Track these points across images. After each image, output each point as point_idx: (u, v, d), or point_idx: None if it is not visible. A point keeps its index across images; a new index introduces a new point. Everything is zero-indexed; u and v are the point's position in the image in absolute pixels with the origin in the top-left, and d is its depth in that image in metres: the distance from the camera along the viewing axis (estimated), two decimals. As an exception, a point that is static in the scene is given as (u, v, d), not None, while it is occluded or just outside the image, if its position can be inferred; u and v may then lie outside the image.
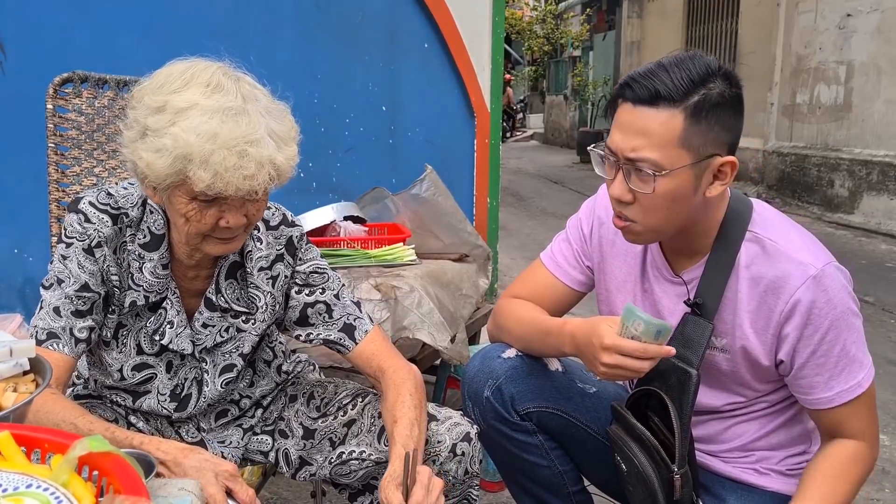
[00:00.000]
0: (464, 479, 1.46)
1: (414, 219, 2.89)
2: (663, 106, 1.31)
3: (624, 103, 1.36)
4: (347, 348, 1.52)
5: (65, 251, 1.33)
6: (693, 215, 1.42)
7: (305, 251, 1.53)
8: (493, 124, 4.31)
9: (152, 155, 1.19)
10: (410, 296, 2.29)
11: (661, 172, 1.32)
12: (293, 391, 1.65)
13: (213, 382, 1.49)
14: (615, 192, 1.39)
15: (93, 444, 0.79)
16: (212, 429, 1.56)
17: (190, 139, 1.16)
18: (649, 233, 1.42)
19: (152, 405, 1.47)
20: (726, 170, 1.37)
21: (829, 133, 8.66)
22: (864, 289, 5.33)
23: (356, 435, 1.52)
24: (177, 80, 1.21)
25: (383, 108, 3.79)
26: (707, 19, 11.81)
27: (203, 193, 1.21)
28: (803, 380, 1.44)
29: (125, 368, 1.43)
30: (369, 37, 3.63)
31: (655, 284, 1.57)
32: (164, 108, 1.19)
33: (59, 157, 1.78)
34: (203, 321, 1.44)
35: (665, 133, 1.31)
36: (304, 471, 1.57)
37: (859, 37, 8.12)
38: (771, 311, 1.42)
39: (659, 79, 1.32)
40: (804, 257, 1.40)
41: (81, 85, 1.84)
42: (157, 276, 1.37)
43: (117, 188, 1.38)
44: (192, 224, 1.26)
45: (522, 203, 9.79)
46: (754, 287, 1.44)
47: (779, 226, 1.48)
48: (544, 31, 20.55)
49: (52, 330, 1.30)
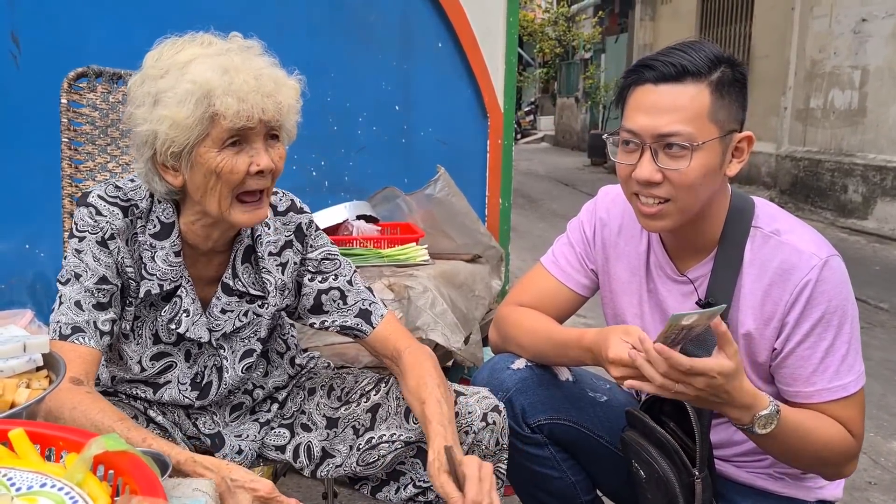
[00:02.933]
0: (495, 450, 1.48)
1: (427, 219, 2.86)
2: (690, 81, 1.33)
3: (642, 85, 1.37)
4: (365, 333, 1.52)
5: (78, 245, 1.32)
6: (711, 198, 1.42)
7: (315, 238, 1.53)
8: (507, 125, 4.28)
9: (174, 109, 1.21)
10: (424, 296, 2.27)
11: (697, 144, 1.32)
12: (311, 385, 1.64)
13: (233, 368, 1.49)
14: (643, 174, 1.36)
15: (109, 443, 0.77)
16: (227, 423, 1.56)
17: (207, 75, 1.21)
18: (679, 212, 1.39)
19: (174, 395, 1.47)
20: (743, 146, 1.40)
21: (842, 138, 8.60)
22: (879, 295, 5.28)
23: (384, 419, 1.52)
24: (170, 48, 1.27)
25: (396, 107, 3.77)
26: (720, 22, 11.76)
27: (231, 131, 1.23)
28: (786, 370, 1.42)
29: (144, 359, 1.43)
30: (382, 35, 3.61)
31: (660, 284, 1.55)
32: (168, 70, 1.24)
33: (72, 151, 1.77)
34: (221, 306, 1.44)
35: (695, 106, 1.33)
36: (326, 465, 1.55)
37: (874, 41, 8.06)
38: (776, 303, 1.42)
39: (682, 57, 1.34)
40: (809, 248, 1.40)
41: (96, 80, 1.83)
42: (169, 263, 1.37)
43: (124, 181, 1.38)
44: (224, 178, 1.27)
45: (533, 205, 9.77)
46: (759, 281, 1.43)
47: (781, 219, 1.48)
48: (556, 33, 20.52)
49: (76, 324, 1.29)
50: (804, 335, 1.40)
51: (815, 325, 1.39)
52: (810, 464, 1.44)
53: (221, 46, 1.27)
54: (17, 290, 2.47)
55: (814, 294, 1.38)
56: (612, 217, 1.64)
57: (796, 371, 1.41)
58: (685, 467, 1.41)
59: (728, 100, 1.36)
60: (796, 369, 1.41)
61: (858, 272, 6.14)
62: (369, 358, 2.12)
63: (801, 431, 1.36)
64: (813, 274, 1.38)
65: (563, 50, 20.98)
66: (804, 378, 1.41)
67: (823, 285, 1.38)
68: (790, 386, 1.43)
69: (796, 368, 1.41)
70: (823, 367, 1.39)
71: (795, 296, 1.39)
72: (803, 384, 1.41)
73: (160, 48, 1.29)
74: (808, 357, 1.40)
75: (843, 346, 1.39)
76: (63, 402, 1.19)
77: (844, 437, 1.40)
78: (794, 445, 1.37)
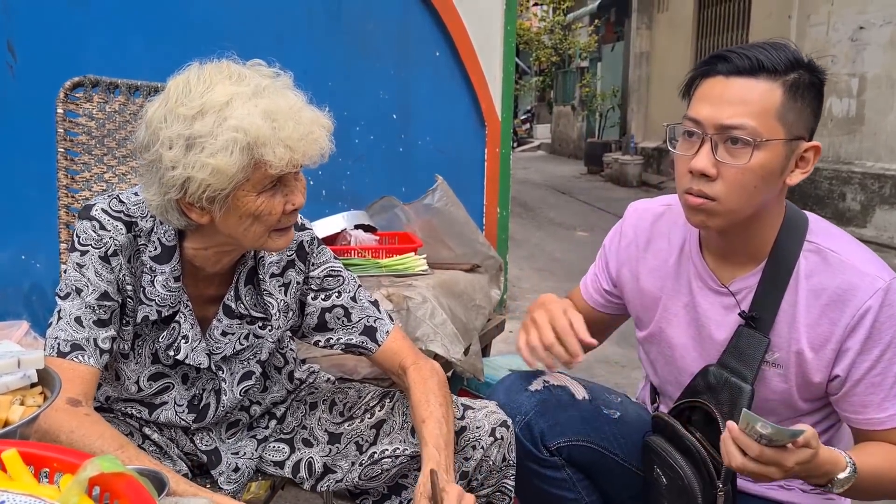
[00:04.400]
0: (501, 466, 1.47)
1: (425, 228, 2.85)
2: (763, 77, 1.30)
3: (713, 77, 1.34)
4: (370, 350, 1.51)
5: (80, 259, 1.28)
6: (765, 206, 1.38)
7: (318, 255, 1.50)
8: (504, 134, 4.28)
9: (218, 157, 1.15)
10: (423, 306, 2.25)
11: (760, 140, 1.28)
12: (312, 399, 1.62)
13: (231, 391, 1.46)
14: (699, 165, 1.32)
15: (104, 465, 0.75)
16: (224, 440, 1.53)
17: (256, 122, 1.15)
18: (726, 214, 1.34)
19: (170, 416, 1.44)
20: (809, 156, 1.35)
21: (840, 146, 8.61)
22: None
23: (388, 434, 1.51)
24: (197, 84, 1.19)
25: (394, 116, 3.77)
26: (717, 31, 11.79)
27: (271, 178, 1.20)
28: (855, 397, 1.38)
29: (142, 379, 1.40)
30: (380, 45, 3.61)
31: (700, 297, 1.51)
32: (204, 111, 1.16)
33: (68, 161, 1.75)
34: (222, 329, 1.41)
35: (765, 102, 1.29)
36: (326, 480, 1.53)
37: (872, 49, 8.08)
38: (833, 325, 1.37)
39: (760, 52, 1.31)
40: (870, 269, 1.35)
41: (92, 89, 1.81)
42: (169, 289, 1.33)
43: (127, 195, 1.34)
44: (262, 220, 1.24)
45: (530, 213, 9.75)
46: (815, 299, 1.38)
47: (838, 237, 1.43)
48: (552, 42, 20.56)
49: (75, 341, 1.25)
50: (874, 361, 1.35)
51: (885, 350, 1.34)
52: (883, 496, 1.41)
53: (255, 82, 1.20)
54: (13, 301, 2.45)
55: (880, 319, 1.33)
56: (640, 232, 1.63)
57: (867, 398, 1.37)
58: (710, 478, 1.39)
59: (801, 104, 1.31)
60: (867, 396, 1.37)
61: (857, 280, 6.10)
62: (368, 368, 2.10)
63: (876, 476, 1.33)
64: (877, 298, 1.33)
65: (559, 58, 21.01)
66: (876, 404, 1.37)
67: (890, 309, 1.33)
68: (860, 413, 1.39)
69: (867, 395, 1.37)
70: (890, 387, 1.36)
71: (857, 319, 1.34)
72: (875, 410, 1.37)
73: (184, 80, 1.20)
74: (878, 384, 1.36)
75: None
76: (61, 424, 1.16)
77: None
78: (869, 489, 1.35)
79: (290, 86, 1.26)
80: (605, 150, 14.78)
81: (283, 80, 1.25)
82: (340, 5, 3.39)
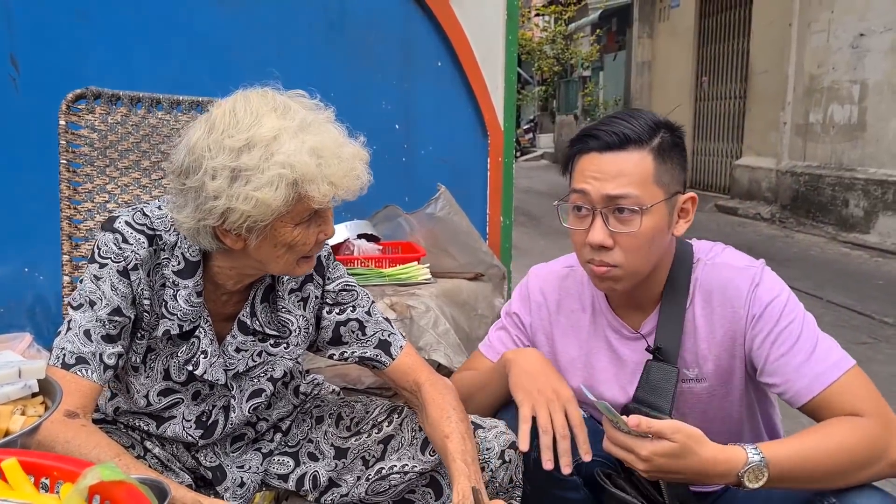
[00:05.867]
0: (508, 487, 1.46)
1: (428, 237, 2.85)
2: (632, 148, 1.39)
3: (587, 154, 1.42)
4: (384, 364, 1.50)
5: (98, 272, 1.28)
6: (661, 258, 1.46)
7: (333, 269, 1.50)
8: (507, 143, 4.27)
9: (264, 191, 1.15)
10: (426, 315, 2.24)
11: (645, 207, 1.37)
12: (318, 413, 1.61)
13: (240, 408, 1.46)
14: (596, 239, 1.40)
15: (104, 473, 0.74)
16: (228, 454, 1.52)
17: (303, 159, 1.17)
18: (630, 276, 1.43)
19: (177, 431, 1.43)
20: (688, 206, 1.46)
21: (843, 152, 8.60)
22: (884, 309, 5.24)
23: (396, 450, 1.50)
24: (245, 116, 1.19)
25: (396, 126, 3.77)
26: (719, 39, 11.80)
27: (310, 210, 1.22)
28: (775, 375, 1.40)
29: (151, 394, 1.39)
30: (383, 55, 3.61)
31: (620, 346, 1.56)
32: (251, 145, 1.17)
33: (71, 173, 1.76)
34: (236, 345, 1.41)
35: (640, 171, 1.38)
36: (331, 493, 1.52)
37: (873, 56, 8.07)
38: (732, 322, 1.44)
39: (623, 125, 1.40)
40: (742, 262, 1.48)
41: (94, 101, 1.82)
42: (191, 304, 1.32)
43: (150, 208, 1.33)
44: (296, 249, 1.26)
45: (534, 222, 9.74)
46: (707, 306, 1.47)
47: (713, 247, 1.54)
48: (554, 52, 20.61)
49: (81, 354, 1.25)
50: (775, 334, 1.39)
51: (777, 320, 1.39)
52: (842, 476, 1.29)
53: (300, 116, 1.21)
54: (16, 313, 2.45)
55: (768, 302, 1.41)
56: (548, 295, 1.66)
57: (785, 372, 1.38)
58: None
59: (670, 164, 1.41)
60: (784, 369, 1.38)
61: (861, 287, 6.11)
62: (372, 379, 2.09)
63: (803, 457, 1.28)
64: (756, 287, 1.42)
65: (561, 68, 21.05)
66: (793, 373, 1.37)
67: (768, 289, 1.42)
68: (787, 391, 1.38)
69: (784, 369, 1.38)
70: (805, 354, 1.37)
71: (747, 309, 1.42)
72: (796, 379, 1.36)
73: (231, 110, 1.20)
74: (787, 352, 1.38)
75: (813, 331, 1.39)
76: (56, 435, 1.15)
77: (857, 427, 1.29)
78: (809, 473, 1.29)
79: (332, 120, 1.27)
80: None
81: (326, 115, 1.27)
82: (342, 16, 3.40)
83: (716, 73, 11.84)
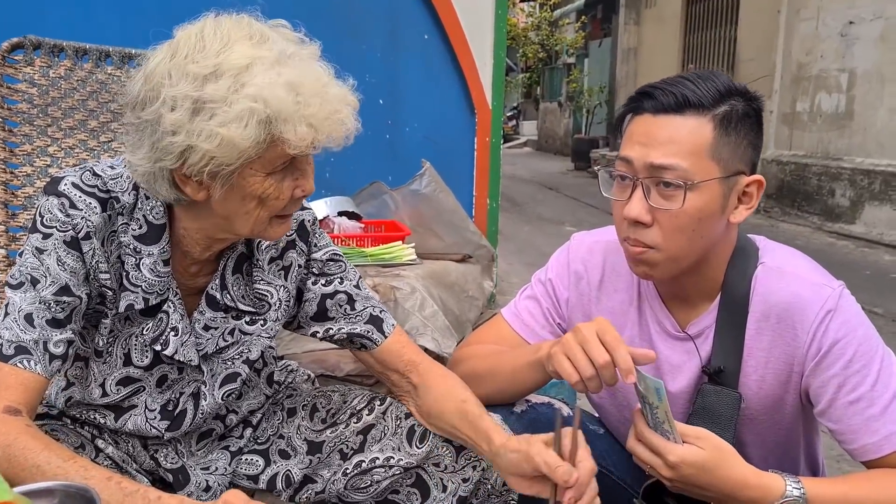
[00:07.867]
0: (501, 490, 1.34)
1: (413, 216, 2.71)
2: (691, 114, 1.20)
3: (641, 115, 1.24)
4: (376, 342, 1.35)
5: (41, 243, 1.08)
6: (712, 246, 1.26)
7: (320, 237, 1.34)
8: (495, 122, 4.14)
9: (231, 128, 0.99)
10: (412, 297, 2.10)
11: (691, 183, 1.18)
12: (291, 404, 1.44)
13: (211, 395, 1.28)
14: (632, 212, 1.21)
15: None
16: (193, 453, 1.34)
17: (279, 94, 1.00)
18: (668, 262, 1.24)
19: (139, 424, 1.25)
20: (752, 191, 1.25)
21: (829, 142, 8.55)
22: (872, 300, 5.17)
23: (378, 440, 1.34)
24: (213, 40, 1.02)
25: (380, 101, 3.62)
26: (706, 26, 11.71)
27: (284, 158, 1.06)
28: (840, 423, 1.21)
29: (108, 383, 1.21)
30: (368, 27, 3.48)
31: (660, 343, 1.36)
32: (219, 73, 1.00)
33: (6, 133, 1.58)
34: (205, 322, 1.24)
35: (694, 141, 1.19)
36: (306, 490, 1.36)
37: (862, 44, 8.01)
38: (791, 348, 1.24)
39: (685, 87, 1.21)
40: (816, 276, 1.26)
41: (34, 52, 1.63)
42: (157, 273, 1.15)
43: (102, 167, 1.14)
44: (268, 204, 1.09)
45: (518, 208, 9.64)
46: (763, 320, 1.27)
47: (782, 250, 1.34)
48: (539, 38, 20.46)
49: (21, 343, 1.06)
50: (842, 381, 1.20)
51: (847, 364, 1.20)
52: None
53: (279, 47, 1.05)
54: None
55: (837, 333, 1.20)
56: (591, 268, 1.46)
57: (852, 422, 1.20)
58: None
59: (735, 137, 1.21)
60: (851, 419, 1.20)
61: (848, 277, 5.97)
62: (352, 365, 1.94)
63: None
64: (827, 312, 1.21)
65: (546, 55, 20.92)
66: (862, 426, 1.19)
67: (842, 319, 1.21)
68: (853, 443, 1.21)
69: (850, 418, 1.20)
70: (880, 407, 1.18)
71: (811, 335, 1.22)
72: (865, 434, 1.19)
73: (197, 33, 1.04)
74: (855, 401, 1.19)
75: (891, 378, 1.19)
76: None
77: None
78: None
79: (317, 56, 1.10)
80: (593, 146, 14.67)
81: (310, 50, 1.10)
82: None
83: (702, 60, 11.74)
